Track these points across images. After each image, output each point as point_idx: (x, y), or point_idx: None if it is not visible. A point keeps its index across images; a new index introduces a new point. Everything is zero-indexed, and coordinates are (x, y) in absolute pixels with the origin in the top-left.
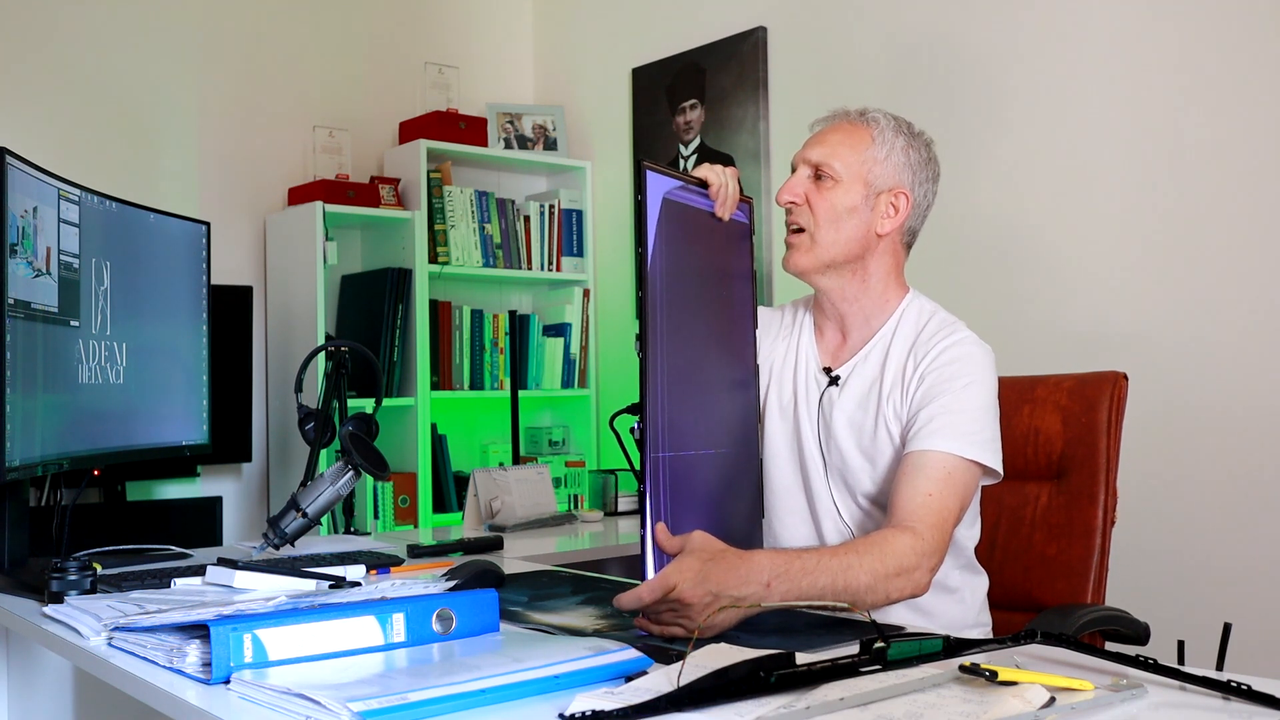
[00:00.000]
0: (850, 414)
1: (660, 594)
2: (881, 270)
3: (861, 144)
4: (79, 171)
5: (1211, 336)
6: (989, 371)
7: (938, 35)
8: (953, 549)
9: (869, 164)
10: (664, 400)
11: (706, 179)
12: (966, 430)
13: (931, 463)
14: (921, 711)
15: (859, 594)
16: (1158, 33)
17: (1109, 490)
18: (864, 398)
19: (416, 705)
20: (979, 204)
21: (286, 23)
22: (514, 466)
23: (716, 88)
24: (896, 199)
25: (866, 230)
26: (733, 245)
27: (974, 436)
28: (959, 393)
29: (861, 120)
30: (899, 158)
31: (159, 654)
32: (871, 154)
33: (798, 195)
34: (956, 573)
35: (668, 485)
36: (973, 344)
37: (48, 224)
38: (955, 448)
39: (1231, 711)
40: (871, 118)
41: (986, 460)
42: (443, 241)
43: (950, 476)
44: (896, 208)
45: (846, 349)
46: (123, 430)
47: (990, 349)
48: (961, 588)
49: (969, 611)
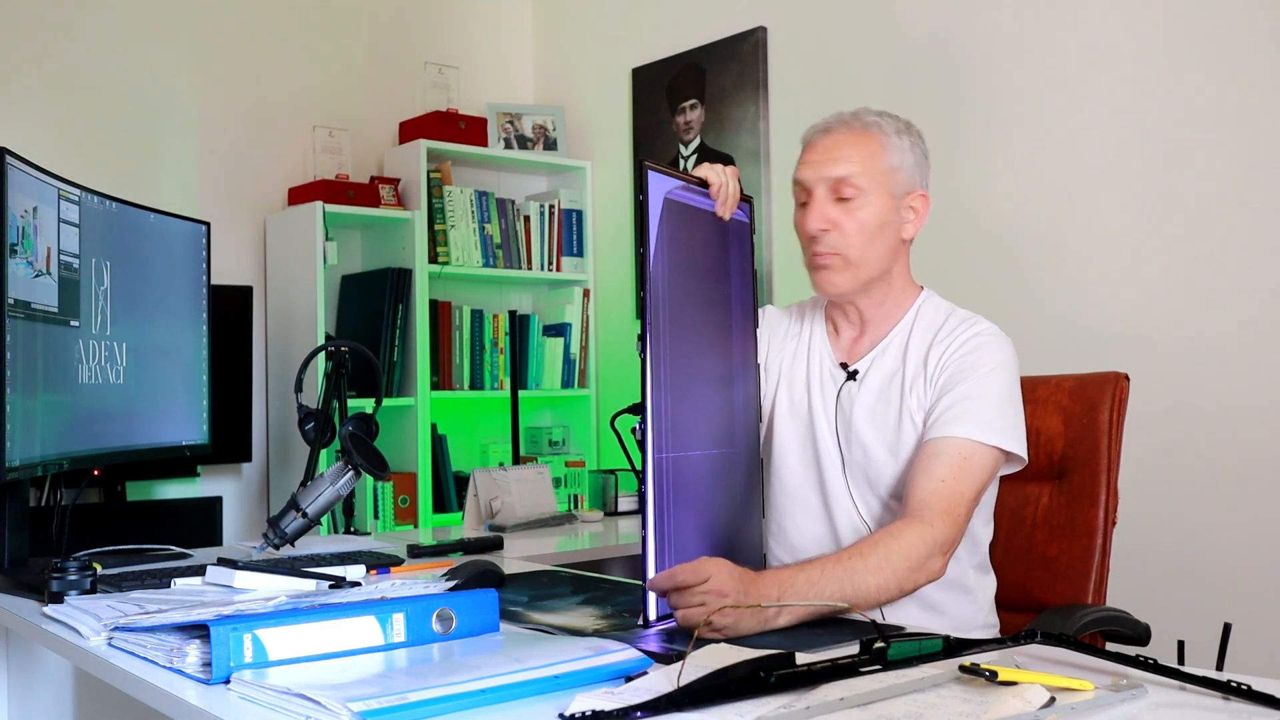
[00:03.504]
0: (871, 407)
1: (695, 579)
2: (901, 270)
3: (874, 153)
4: (79, 171)
5: (1213, 336)
6: (1011, 360)
7: (938, 34)
8: (971, 546)
9: (887, 173)
10: (666, 400)
11: (707, 179)
12: (986, 416)
13: (948, 449)
14: (921, 711)
15: (869, 596)
16: (1161, 31)
17: (1110, 491)
18: (884, 390)
19: (416, 705)
20: (980, 204)
21: (286, 23)
22: (514, 466)
23: (716, 88)
24: (916, 201)
25: (896, 240)
26: (733, 245)
27: (993, 422)
28: (980, 380)
29: (862, 127)
30: (910, 158)
31: (159, 654)
32: (887, 162)
33: (829, 221)
34: (972, 572)
35: (669, 485)
36: (994, 334)
37: (48, 224)
38: (973, 433)
39: (1231, 711)
40: (872, 123)
41: (1007, 445)
42: (443, 241)
43: (966, 461)
44: (916, 210)
45: (863, 345)
46: (123, 430)
47: (1010, 340)
48: (976, 588)
49: (980, 611)
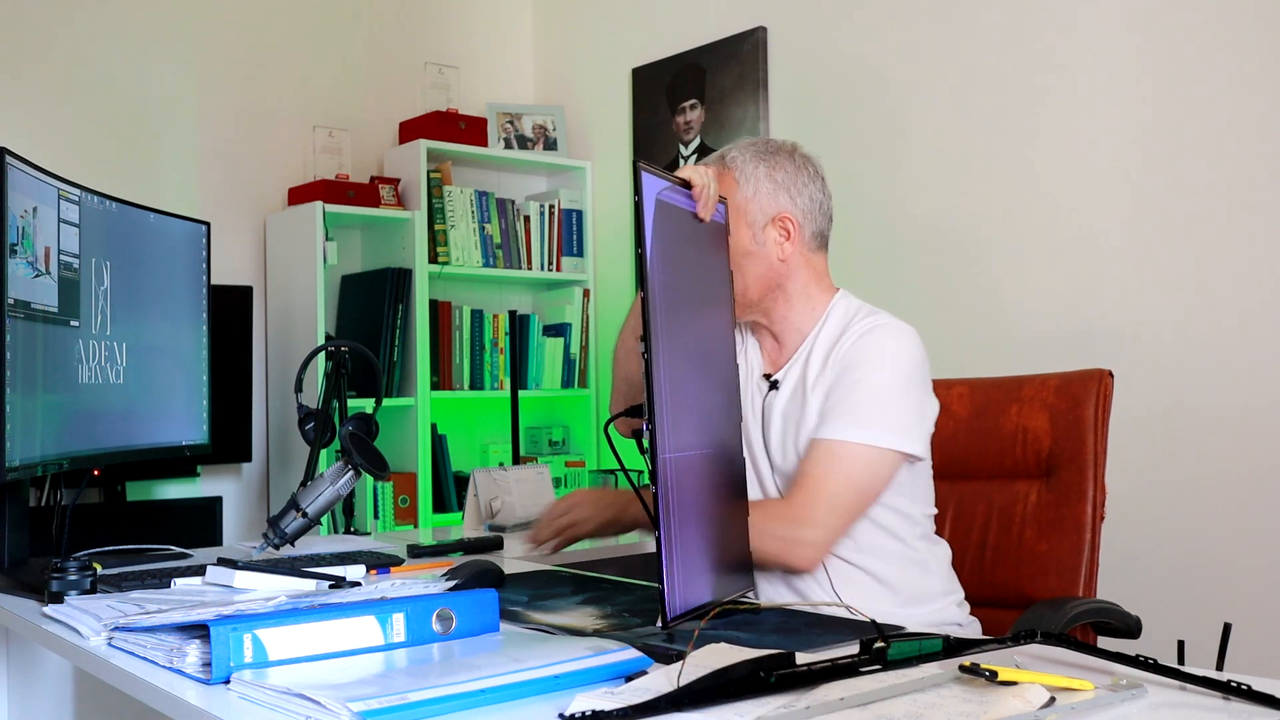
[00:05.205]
0: (785, 413)
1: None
2: (800, 284)
3: (730, 189)
4: (79, 171)
5: (1201, 333)
6: (903, 352)
7: (937, 34)
8: (906, 523)
9: (742, 205)
10: (667, 401)
11: (690, 180)
12: (859, 417)
13: (818, 450)
14: (921, 711)
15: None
16: (1154, 32)
17: (1098, 486)
18: (795, 395)
19: (416, 705)
20: (969, 203)
21: (286, 23)
22: (514, 466)
23: (716, 88)
24: (783, 223)
25: (769, 264)
26: (713, 246)
27: (867, 422)
28: (859, 380)
29: (722, 165)
30: (765, 186)
31: (159, 654)
32: (741, 195)
33: None
34: (920, 544)
35: (674, 486)
36: (886, 330)
37: (47, 224)
38: (844, 434)
39: (1231, 711)
40: (730, 159)
41: (880, 441)
42: (443, 241)
43: (835, 459)
44: (787, 231)
45: (784, 355)
46: (123, 430)
47: (912, 332)
48: (928, 557)
49: (935, 579)
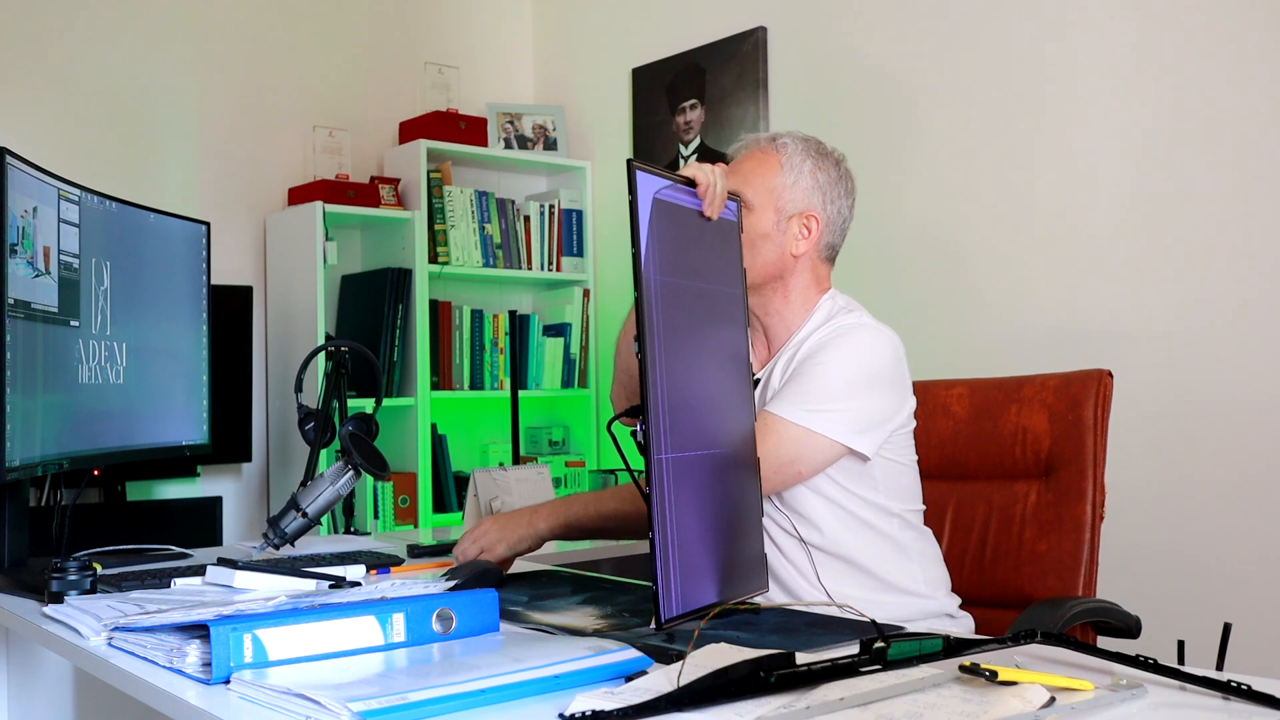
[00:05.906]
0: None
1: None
2: (800, 286)
3: (771, 171)
4: (79, 171)
5: (1200, 333)
6: (871, 351)
7: (938, 34)
8: (879, 512)
9: (778, 190)
10: (664, 401)
11: (694, 178)
12: (806, 402)
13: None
14: (921, 711)
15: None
16: (1151, 32)
17: (1097, 486)
18: (771, 391)
19: (416, 705)
20: (970, 203)
21: (286, 23)
22: (514, 466)
23: (716, 88)
24: (808, 221)
25: (781, 253)
26: (722, 243)
27: (811, 407)
28: (817, 365)
29: (772, 146)
30: (807, 181)
31: (159, 654)
32: (780, 180)
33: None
34: (898, 532)
35: (671, 487)
36: (862, 329)
37: (47, 224)
38: (783, 412)
39: (1231, 711)
40: (781, 143)
41: (816, 428)
42: (443, 241)
43: (767, 432)
44: (809, 229)
45: (770, 354)
46: (123, 430)
47: (889, 333)
48: (906, 544)
49: (915, 564)
